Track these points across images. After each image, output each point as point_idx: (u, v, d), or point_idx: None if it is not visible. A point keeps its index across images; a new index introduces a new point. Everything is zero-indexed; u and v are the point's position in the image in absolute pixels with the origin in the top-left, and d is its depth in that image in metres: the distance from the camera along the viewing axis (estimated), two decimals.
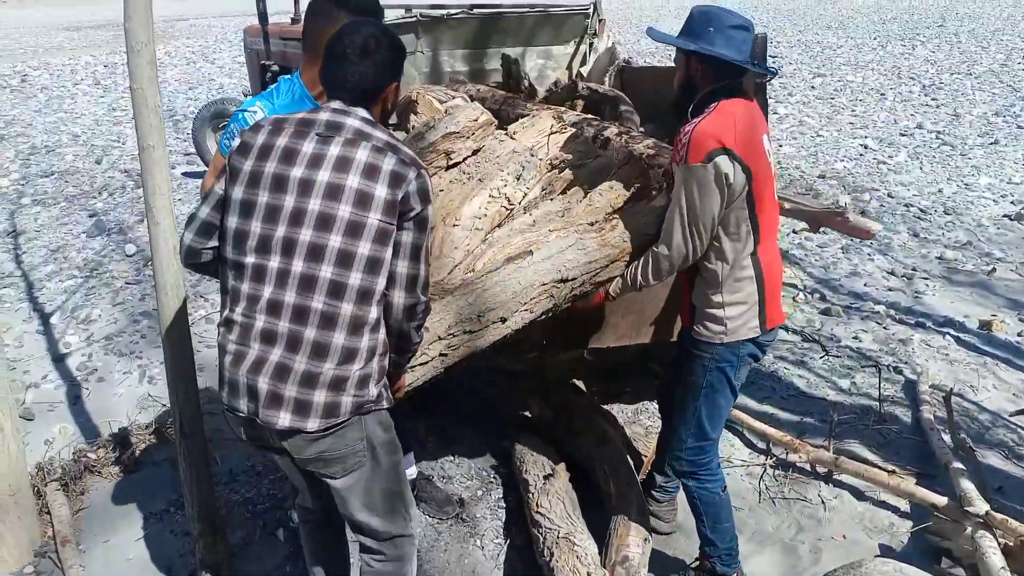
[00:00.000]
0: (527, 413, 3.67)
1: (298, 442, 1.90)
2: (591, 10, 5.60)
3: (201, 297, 5.34)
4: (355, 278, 1.84)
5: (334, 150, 1.87)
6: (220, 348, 1.93)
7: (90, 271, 5.85)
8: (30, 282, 5.66)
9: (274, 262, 1.85)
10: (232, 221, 1.91)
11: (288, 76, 2.52)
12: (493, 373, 3.91)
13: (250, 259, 1.88)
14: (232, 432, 2.07)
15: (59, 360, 4.57)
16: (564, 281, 2.49)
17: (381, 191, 1.84)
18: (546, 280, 2.45)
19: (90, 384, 4.32)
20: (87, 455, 3.52)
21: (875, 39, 21.36)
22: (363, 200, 1.83)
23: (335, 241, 1.83)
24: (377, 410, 1.97)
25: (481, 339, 2.35)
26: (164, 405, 3.93)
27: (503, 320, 2.36)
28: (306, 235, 1.83)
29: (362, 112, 1.96)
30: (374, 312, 1.89)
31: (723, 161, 2.21)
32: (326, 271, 1.83)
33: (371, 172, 1.85)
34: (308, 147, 1.89)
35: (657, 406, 3.48)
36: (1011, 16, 27.29)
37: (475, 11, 5.42)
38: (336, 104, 1.97)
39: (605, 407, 3.70)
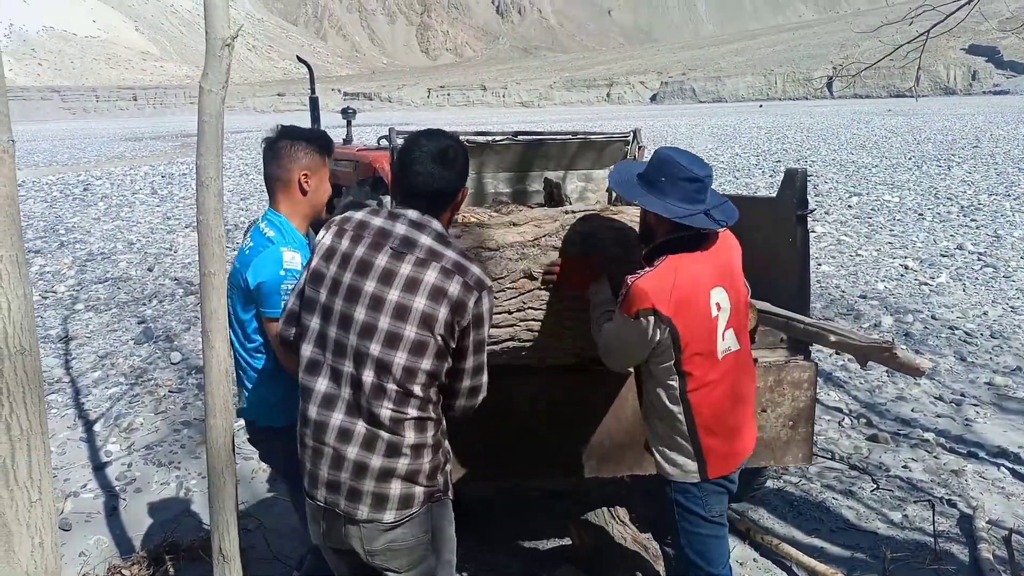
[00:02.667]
0: (567, 540, 3.57)
1: (372, 532, 2.02)
2: (631, 137, 5.81)
3: None
4: (418, 388, 2.00)
5: (405, 268, 2.00)
6: (299, 438, 2.09)
7: (136, 378, 5.98)
8: (77, 388, 5.79)
9: (348, 367, 2.01)
10: (314, 322, 2.07)
11: (264, 223, 2.55)
12: (534, 496, 3.85)
13: (328, 361, 2.03)
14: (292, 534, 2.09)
15: (99, 469, 4.61)
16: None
17: (443, 313, 1.98)
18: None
19: (128, 494, 4.33)
20: (121, 572, 3.49)
21: (910, 159, 21.64)
22: (427, 322, 1.98)
23: (400, 358, 1.98)
24: (444, 499, 2.14)
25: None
26: (200, 521, 3.91)
27: None
28: (375, 349, 1.98)
29: (437, 225, 2.08)
30: (435, 412, 2.06)
31: (650, 321, 2.32)
32: (392, 385, 1.98)
33: (437, 295, 1.99)
34: (382, 261, 2.02)
35: None
36: None
37: (519, 137, 5.65)
38: (413, 215, 2.08)
39: (646, 535, 3.59)
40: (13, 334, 2.50)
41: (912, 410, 5.37)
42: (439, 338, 1.98)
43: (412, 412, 2.00)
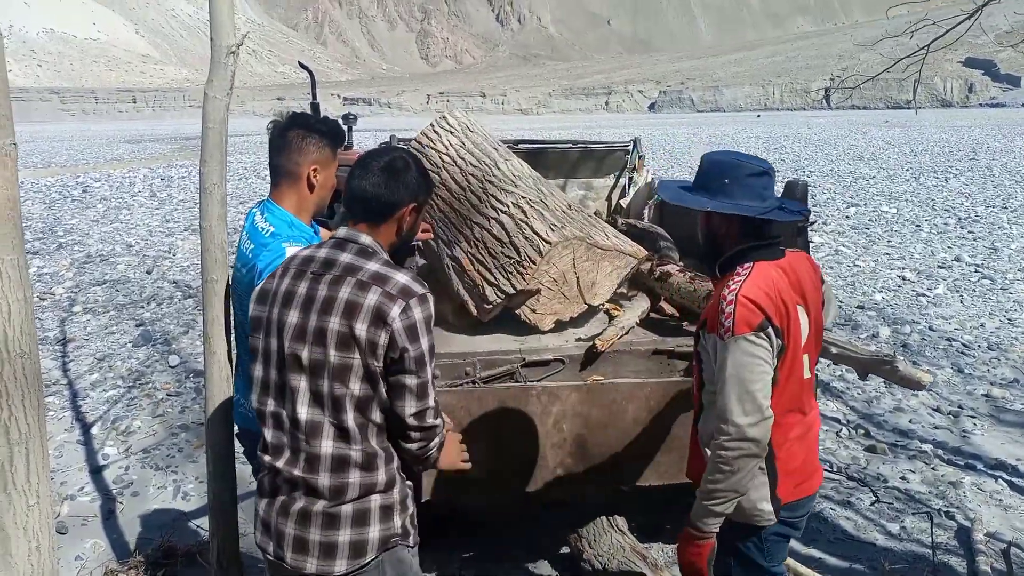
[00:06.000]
0: (566, 549, 3.57)
1: None
2: (631, 147, 5.83)
3: None
4: (350, 419, 1.83)
5: (323, 290, 1.86)
6: (259, 484, 1.99)
7: (133, 381, 5.96)
8: (75, 391, 5.77)
9: (286, 409, 1.88)
10: (256, 370, 1.96)
11: (262, 218, 2.46)
12: (533, 506, 3.84)
13: (269, 408, 1.91)
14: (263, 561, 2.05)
15: (96, 472, 4.59)
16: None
17: (361, 329, 1.80)
18: None
19: (125, 498, 4.32)
20: (117, 575, 3.47)
21: (908, 171, 21.71)
22: (345, 341, 1.81)
23: (326, 387, 1.84)
24: (402, 546, 1.94)
25: None
26: (197, 526, 3.90)
27: None
28: (304, 382, 1.86)
29: (363, 239, 1.93)
30: (380, 445, 1.89)
31: (770, 334, 2.06)
32: (327, 416, 1.84)
33: (352, 310, 1.81)
34: (303, 288, 1.89)
35: None
36: None
37: (520, 146, 5.66)
38: (342, 232, 1.96)
39: (644, 546, 3.59)
40: (13, 337, 2.49)
41: (910, 421, 5.38)
42: (360, 359, 1.81)
43: (354, 449, 1.85)
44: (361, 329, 1.79)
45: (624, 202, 5.84)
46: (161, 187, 18.69)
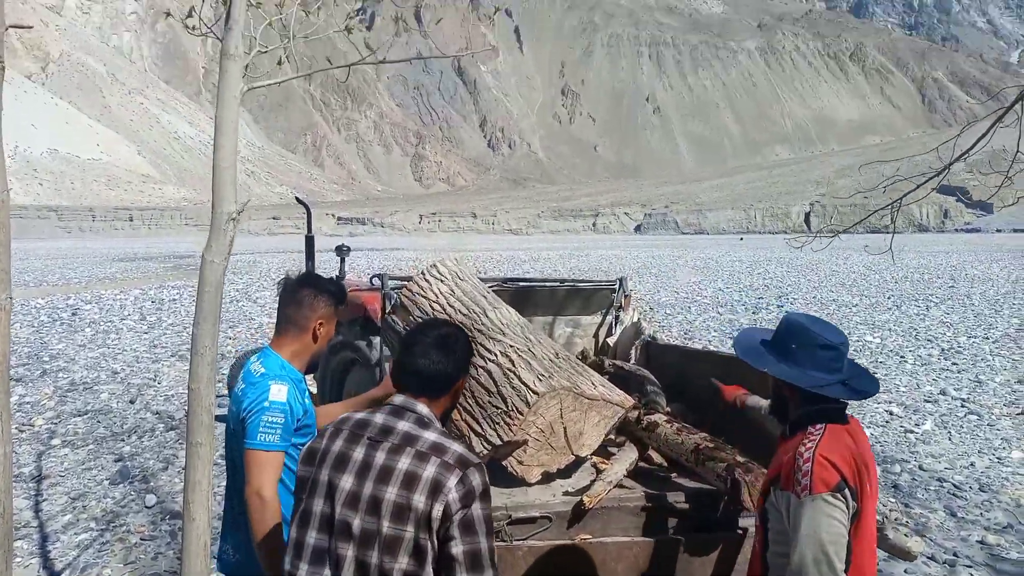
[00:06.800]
0: None
1: None
2: (617, 286, 5.96)
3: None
4: None
5: (380, 457, 1.87)
6: None
7: (107, 523, 5.77)
8: (45, 534, 5.57)
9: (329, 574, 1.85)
10: (294, 531, 1.93)
11: (257, 362, 2.58)
12: None
13: (302, 572, 1.87)
14: None
15: None
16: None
17: (418, 501, 1.80)
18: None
19: None
20: None
21: (889, 298, 22.14)
22: (399, 514, 1.80)
23: (374, 559, 1.81)
24: None
25: None
26: None
27: None
28: (351, 551, 1.83)
29: (421, 408, 1.97)
30: None
31: (847, 494, 2.06)
32: None
33: (410, 482, 1.82)
34: (359, 453, 1.90)
35: None
36: (1020, 279, 28.30)
37: (508, 284, 5.78)
38: (399, 399, 1.99)
39: None
40: None
41: (905, 571, 5.24)
42: (413, 532, 1.80)
43: None
44: (419, 501, 1.80)
45: (611, 340, 5.92)
46: (151, 310, 18.73)
